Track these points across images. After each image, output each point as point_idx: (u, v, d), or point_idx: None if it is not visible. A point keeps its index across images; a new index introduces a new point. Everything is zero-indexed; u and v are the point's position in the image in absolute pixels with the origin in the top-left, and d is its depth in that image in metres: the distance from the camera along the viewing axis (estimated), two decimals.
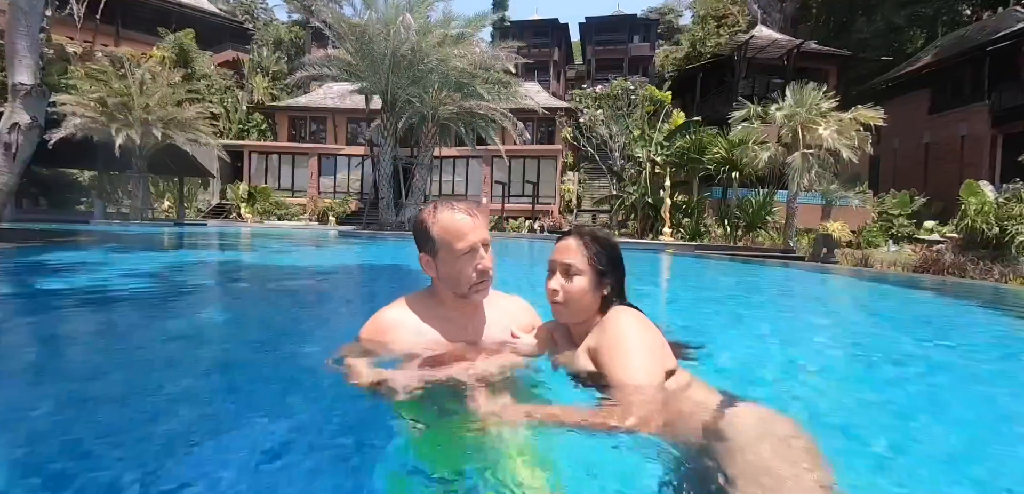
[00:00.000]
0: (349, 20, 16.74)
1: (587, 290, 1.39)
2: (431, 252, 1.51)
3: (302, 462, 1.17)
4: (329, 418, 1.43)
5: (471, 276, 1.48)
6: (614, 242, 1.49)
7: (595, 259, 1.40)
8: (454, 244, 1.46)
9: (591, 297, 1.40)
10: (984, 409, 1.87)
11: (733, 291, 5.93)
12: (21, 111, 6.44)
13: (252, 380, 1.87)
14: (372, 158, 21.24)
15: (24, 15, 6.44)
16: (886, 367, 2.52)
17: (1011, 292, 6.22)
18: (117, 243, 9.06)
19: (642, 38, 42.46)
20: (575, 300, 1.40)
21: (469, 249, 1.46)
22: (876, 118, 12.08)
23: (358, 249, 10.06)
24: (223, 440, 1.32)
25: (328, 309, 3.97)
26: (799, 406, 1.78)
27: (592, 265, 1.39)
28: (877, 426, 1.61)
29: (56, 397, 1.65)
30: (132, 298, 3.88)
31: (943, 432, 1.60)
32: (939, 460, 1.37)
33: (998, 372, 2.56)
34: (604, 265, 1.40)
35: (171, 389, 1.72)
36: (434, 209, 1.54)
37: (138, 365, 2.05)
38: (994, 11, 23.19)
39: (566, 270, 1.40)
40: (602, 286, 1.40)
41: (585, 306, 1.40)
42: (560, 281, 1.41)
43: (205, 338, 2.69)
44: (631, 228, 19.18)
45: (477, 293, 1.51)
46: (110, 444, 1.27)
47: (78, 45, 26.45)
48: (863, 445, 1.41)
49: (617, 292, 1.43)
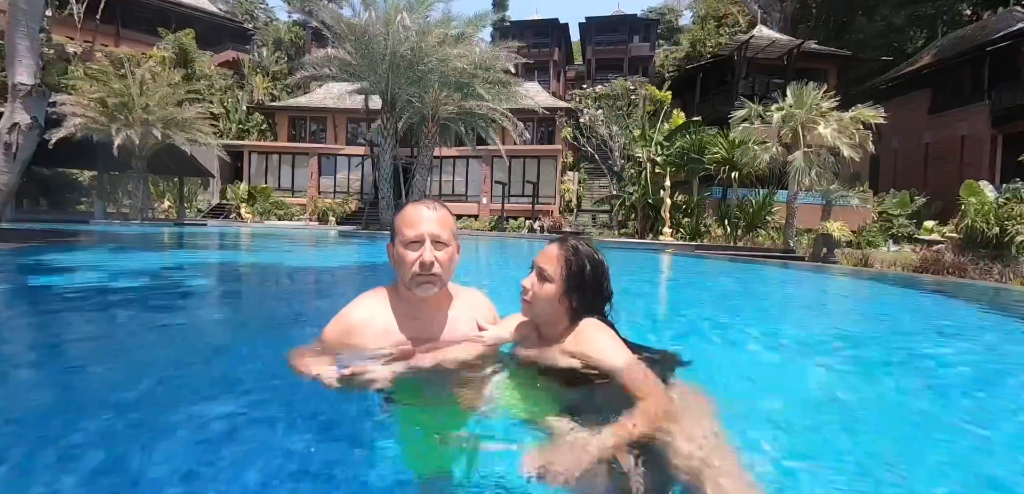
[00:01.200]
0: (348, 20, 16.74)
1: (552, 299, 1.44)
2: (392, 238, 1.53)
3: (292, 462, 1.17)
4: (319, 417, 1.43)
5: (412, 266, 1.46)
6: (598, 264, 1.49)
7: (567, 272, 1.44)
8: (404, 230, 1.48)
9: (555, 306, 1.45)
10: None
11: (733, 291, 5.93)
12: (21, 111, 6.44)
13: (252, 380, 1.87)
14: (372, 158, 21.24)
15: (24, 15, 6.44)
16: (877, 366, 2.52)
17: (1012, 292, 6.22)
18: (117, 243, 9.06)
19: (642, 38, 42.43)
20: (540, 303, 1.46)
21: (415, 238, 1.46)
22: (877, 116, 12.07)
23: (358, 249, 10.06)
24: (222, 439, 1.32)
25: (327, 308, 3.97)
26: (799, 407, 1.78)
27: (563, 278, 1.44)
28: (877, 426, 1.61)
29: (56, 396, 1.65)
30: (132, 297, 3.87)
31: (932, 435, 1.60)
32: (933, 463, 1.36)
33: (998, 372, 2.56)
34: (575, 283, 1.44)
35: (171, 389, 1.72)
36: (405, 202, 1.58)
37: (138, 365, 2.05)
38: (994, 11, 23.18)
39: (540, 273, 1.46)
40: (568, 299, 1.44)
41: (548, 312, 1.46)
42: (532, 281, 1.47)
43: (204, 338, 2.69)
44: (631, 228, 19.18)
45: (417, 286, 1.48)
46: (110, 444, 1.27)
47: (78, 45, 26.43)
48: (865, 445, 1.41)
49: (585, 309, 1.46)
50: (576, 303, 1.44)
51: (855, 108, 12.44)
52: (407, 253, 1.47)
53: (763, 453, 1.30)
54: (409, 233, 1.47)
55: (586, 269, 1.44)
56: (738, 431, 1.49)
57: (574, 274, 1.44)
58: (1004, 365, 2.76)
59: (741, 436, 1.46)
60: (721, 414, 1.32)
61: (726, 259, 10.59)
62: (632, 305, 3.86)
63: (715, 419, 1.27)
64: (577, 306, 1.45)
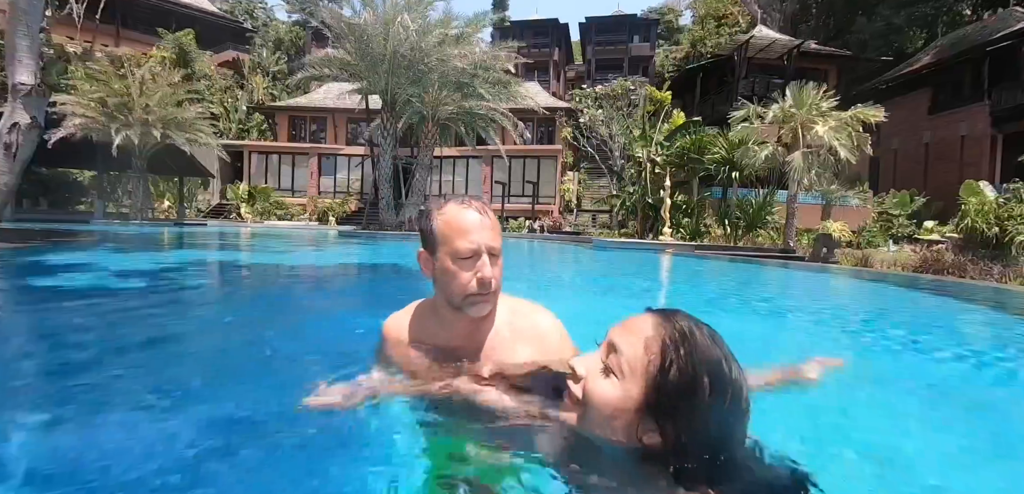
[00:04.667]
0: (348, 20, 16.74)
1: (618, 409, 0.83)
2: (431, 248, 1.31)
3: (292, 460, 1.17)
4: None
5: (469, 284, 1.25)
6: (719, 382, 0.77)
7: (661, 377, 0.78)
8: (455, 241, 1.25)
9: (621, 421, 0.83)
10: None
11: (732, 291, 5.93)
12: (21, 111, 6.44)
13: (250, 378, 1.87)
14: (372, 158, 21.26)
15: (24, 15, 6.43)
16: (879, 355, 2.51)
17: (1012, 292, 6.22)
18: (117, 243, 9.06)
19: (642, 38, 42.45)
20: (594, 410, 0.86)
21: (471, 252, 1.25)
22: (877, 115, 12.08)
23: (358, 249, 10.06)
24: (220, 439, 1.32)
25: (327, 306, 3.97)
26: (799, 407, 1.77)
27: (646, 377, 0.80)
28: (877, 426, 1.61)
29: (55, 396, 1.65)
30: (132, 297, 3.87)
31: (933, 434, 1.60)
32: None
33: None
34: (668, 396, 0.78)
35: (170, 388, 1.72)
36: (444, 201, 1.34)
37: (137, 364, 2.05)
38: (994, 11, 23.19)
39: (609, 354, 0.86)
40: (650, 420, 0.80)
41: (610, 428, 0.85)
42: (590, 365, 0.89)
43: (204, 337, 2.69)
44: (631, 228, 19.19)
45: (472, 307, 1.28)
46: (109, 443, 1.27)
47: (78, 45, 26.44)
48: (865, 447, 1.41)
49: (680, 453, 0.77)
50: (669, 435, 0.78)
51: (855, 108, 12.45)
52: (461, 270, 1.25)
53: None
54: (463, 246, 1.24)
55: (702, 382, 0.76)
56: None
57: (672, 382, 0.77)
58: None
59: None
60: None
61: (726, 259, 10.59)
62: (637, 305, 3.85)
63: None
64: (672, 441, 0.78)
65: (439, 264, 1.29)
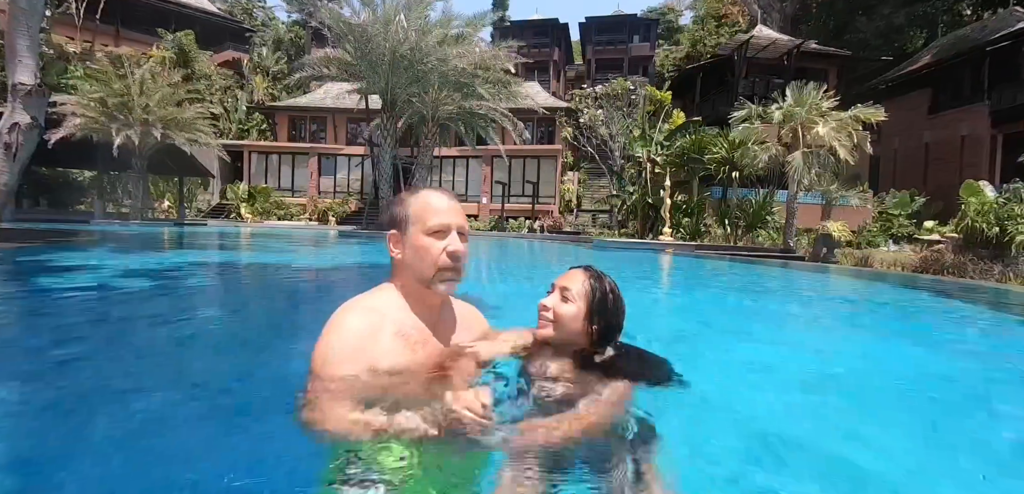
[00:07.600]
0: (348, 20, 16.73)
1: (575, 318, 1.47)
2: (402, 227, 1.36)
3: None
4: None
5: (440, 258, 1.32)
6: (618, 295, 1.51)
7: (592, 297, 1.47)
8: (428, 219, 1.33)
9: (577, 326, 1.47)
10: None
11: (732, 291, 5.92)
12: (21, 111, 6.44)
13: (250, 377, 1.86)
14: (372, 158, 21.24)
15: (24, 15, 6.43)
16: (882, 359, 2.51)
17: (1011, 292, 6.22)
18: (117, 243, 9.05)
19: (642, 38, 42.39)
20: (564, 324, 1.47)
21: (441, 228, 1.33)
22: (877, 115, 12.07)
23: (358, 249, 10.06)
24: (219, 441, 1.32)
25: (327, 307, 3.97)
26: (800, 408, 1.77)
27: (588, 302, 1.47)
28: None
29: (55, 395, 1.65)
30: (131, 297, 3.87)
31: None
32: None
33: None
34: (599, 308, 1.47)
35: (169, 388, 1.72)
36: (414, 189, 1.45)
37: (137, 364, 2.05)
38: (994, 11, 23.18)
39: (564, 294, 1.48)
40: (590, 323, 1.47)
41: (574, 330, 1.48)
42: (554, 301, 1.49)
43: (203, 337, 2.69)
44: (631, 228, 19.17)
45: (443, 282, 1.34)
46: (108, 443, 1.27)
47: (78, 45, 26.41)
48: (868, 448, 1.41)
49: (604, 336, 1.49)
50: (598, 328, 1.47)
51: (855, 108, 12.44)
52: (433, 243, 1.32)
53: (758, 459, 1.30)
54: (434, 221, 1.33)
55: (608, 297, 1.48)
56: (733, 434, 1.49)
57: (598, 300, 1.47)
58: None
59: (736, 438, 1.46)
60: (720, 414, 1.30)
61: (726, 259, 10.59)
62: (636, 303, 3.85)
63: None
64: (599, 330, 1.47)
65: (410, 241, 1.35)
